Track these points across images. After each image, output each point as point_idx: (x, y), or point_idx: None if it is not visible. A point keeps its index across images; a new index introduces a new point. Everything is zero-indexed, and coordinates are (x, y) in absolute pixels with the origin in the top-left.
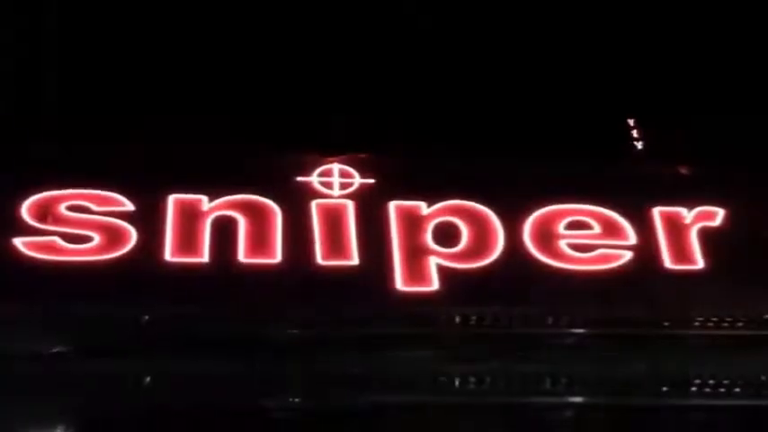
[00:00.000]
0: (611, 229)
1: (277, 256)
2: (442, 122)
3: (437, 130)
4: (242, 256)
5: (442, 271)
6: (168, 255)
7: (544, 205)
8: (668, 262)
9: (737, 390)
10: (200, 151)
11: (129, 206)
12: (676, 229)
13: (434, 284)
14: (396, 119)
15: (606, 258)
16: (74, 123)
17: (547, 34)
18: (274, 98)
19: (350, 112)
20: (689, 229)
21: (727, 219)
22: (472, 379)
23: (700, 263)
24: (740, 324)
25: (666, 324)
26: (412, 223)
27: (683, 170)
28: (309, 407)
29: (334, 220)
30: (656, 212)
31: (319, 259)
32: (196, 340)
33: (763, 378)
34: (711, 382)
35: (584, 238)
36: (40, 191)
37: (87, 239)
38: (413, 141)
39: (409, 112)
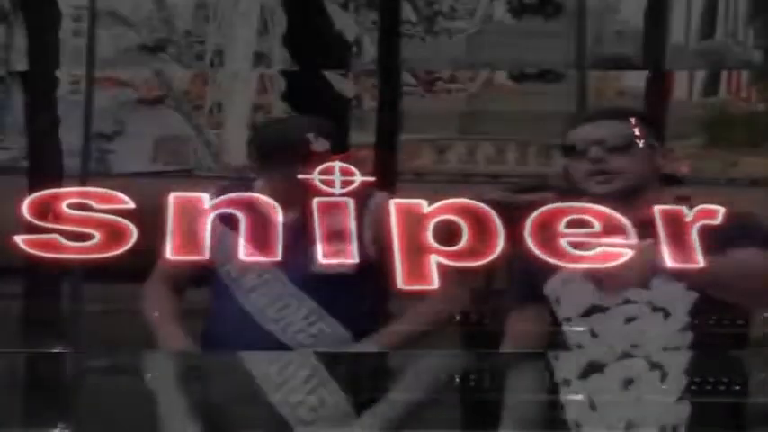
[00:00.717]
0: (611, 228)
1: (277, 255)
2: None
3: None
4: (242, 254)
5: (443, 269)
6: (169, 253)
7: (545, 203)
8: (669, 260)
9: (737, 388)
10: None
11: (130, 204)
12: (677, 227)
13: (435, 283)
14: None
15: (607, 257)
16: None
17: None
18: None
19: None
20: (690, 227)
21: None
22: (473, 376)
23: (700, 262)
24: (740, 323)
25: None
26: (412, 221)
27: (683, 167)
28: (312, 403)
29: (334, 218)
30: (657, 210)
31: (320, 258)
32: (196, 337)
33: (763, 376)
34: (711, 379)
35: (584, 236)
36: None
37: (88, 237)
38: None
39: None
